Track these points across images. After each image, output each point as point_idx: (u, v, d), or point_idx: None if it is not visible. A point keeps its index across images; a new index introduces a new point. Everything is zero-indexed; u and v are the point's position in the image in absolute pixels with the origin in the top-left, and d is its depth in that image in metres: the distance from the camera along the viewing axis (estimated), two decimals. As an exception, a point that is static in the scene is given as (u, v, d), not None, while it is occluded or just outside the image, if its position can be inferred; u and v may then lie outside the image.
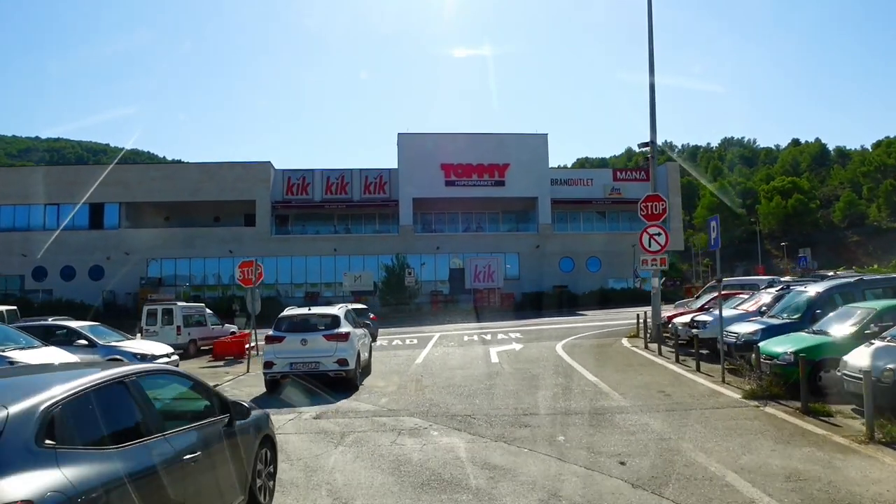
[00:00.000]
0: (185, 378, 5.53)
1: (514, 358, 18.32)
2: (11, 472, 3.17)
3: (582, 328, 27.87)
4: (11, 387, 4.01)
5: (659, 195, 20.96)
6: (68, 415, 3.71)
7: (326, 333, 13.91)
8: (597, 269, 51.98)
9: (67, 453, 3.50)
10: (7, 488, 3.08)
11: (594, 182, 54.71)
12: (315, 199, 51.70)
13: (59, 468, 3.36)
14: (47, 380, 4.14)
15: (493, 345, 22.13)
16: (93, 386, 4.06)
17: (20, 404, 3.51)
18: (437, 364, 17.63)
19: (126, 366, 4.90)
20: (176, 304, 23.19)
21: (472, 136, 52.53)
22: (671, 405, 10.65)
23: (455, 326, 33.09)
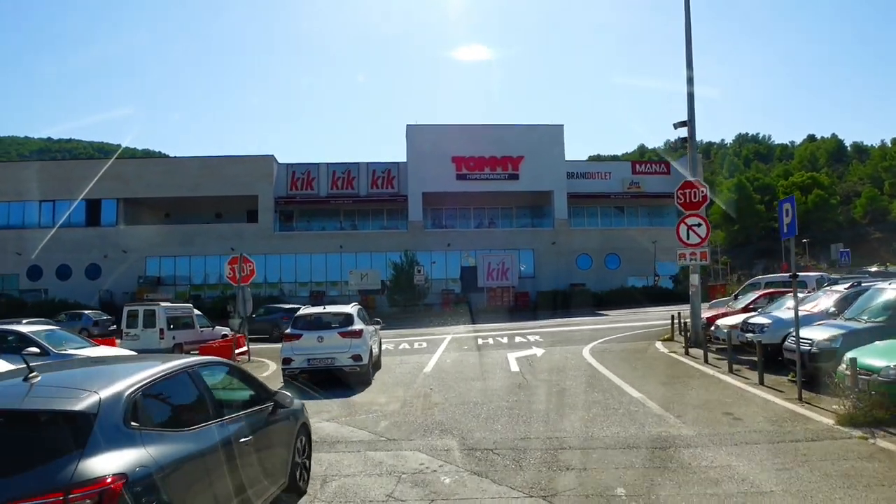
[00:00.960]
0: (233, 369, 6.06)
1: (537, 366, 16.00)
2: (107, 450, 3.65)
3: (607, 330, 25.49)
4: (96, 375, 4.58)
5: (698, 181, 18.56)
6: (147, 400, 4.26)
7: (341, 330, 14.53)
8: (616, 266, 49.49)
9: (148, 434, 4.03)
10: (105, 463, 3.56)
11: (612, 175, 52.20)
12: (320, 194, 49.46)
13: (144, 447, 3.87)
14: (125, 370, 4.60)
15: (511, 349, 19.82)
16: (164, 375, 4.61)
17: (109, 390, 4.00)
18: (449, 373, 15.34)
19: (186, 357, 5.38)
20: (158, 304, 21.01)
21: (485, 128, 50.12)
22: (749, 435, 8.32)
23: (468, 328, 30.79)
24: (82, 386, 4.06)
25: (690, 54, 18.98)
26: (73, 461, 3.49)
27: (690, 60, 19.09)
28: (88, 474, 3.46)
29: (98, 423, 3.72)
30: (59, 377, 4.63)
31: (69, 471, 3.44)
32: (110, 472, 3.51)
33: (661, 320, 28.62)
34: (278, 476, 5.85)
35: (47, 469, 3.45)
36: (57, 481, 3.39)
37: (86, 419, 3.72)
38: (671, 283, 49.09)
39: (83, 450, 3.56)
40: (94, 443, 3.62)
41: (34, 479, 3.39)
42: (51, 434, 3.68)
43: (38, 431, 3.70)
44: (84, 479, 3.43)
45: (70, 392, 3.98)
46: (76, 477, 3.42)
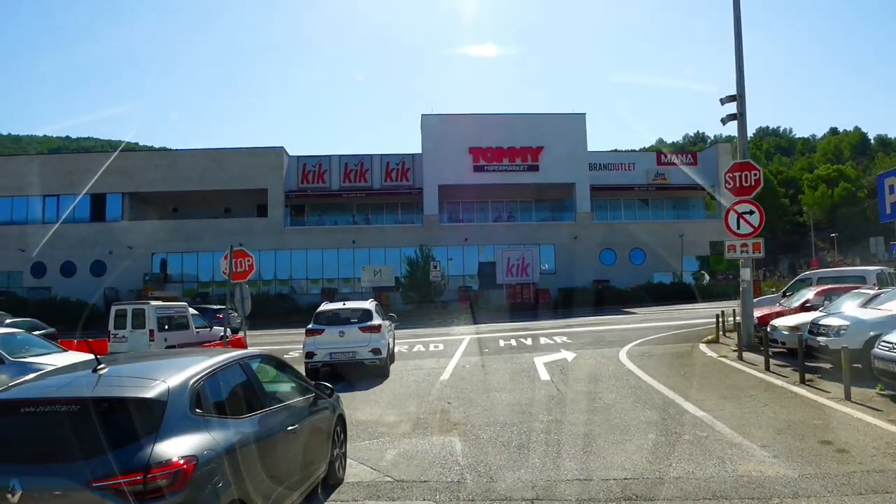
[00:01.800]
0: (277, 361, 6.47)
1: (570, 373, 13.98)
2: (177, 434, 3.99)
3: (639, 330, 23.36)
4: (158, 367, 4.92)
5: (751, 163, 16.40)
6: (207, 389, 4.58)
7: (361, 325, 15.07)
8: (641, 261, 47.20)
9: (211, 420, 4.37)
10: (177, 447, 3.90)
11: (636, 167, 49.88)
12: (332, 187, 47.59)
13: (208, 432, 4.22)
14: (184, 362, 4.94)
15: (538, 353, 17.79)
16: (220, 366, 5.00)
17: (175, 379, 4.35)
18: (469, 382, 13.35)
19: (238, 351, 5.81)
20: (148, 303, 19.13)
21: (503, 117, 47.92)
22: (872, 478, 6.27)
23: (487, 327, 28.76)
24: (149, 376, 4.44)
25: (739, 19, 16.80)
26: (149, 444, 3.83)
27: (739, 30, 16.91)
28: (163, 456, 3.79)
29: (168, 409, 4.07)
30: (124, 369, 4.93)
31: (146, 453, 3.77)
32: (182, 454, 3.85)
33: (697, 319, 26.52)
34: (319, 464, 6.12)
35: (126, 451, 3.77)
36: (136, 462, 3.71)
37: (158, 406, 4.06)
38: (692, 279, 46.92)
39: (157, 434, 3.89)
40: (166, 427, 3.97)
41: (115, 461, 3.69)
42: (127, 419, 3.97)
43: (115, 417, 3.97)
44: (160, 461, 3.76)
45: (139, 381, 4.35)
46: (153, 459, 3.75)
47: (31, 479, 3.70)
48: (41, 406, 4.09)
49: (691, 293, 43.13)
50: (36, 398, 4.22)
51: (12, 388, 4.55)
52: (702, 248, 48.12)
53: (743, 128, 16.82)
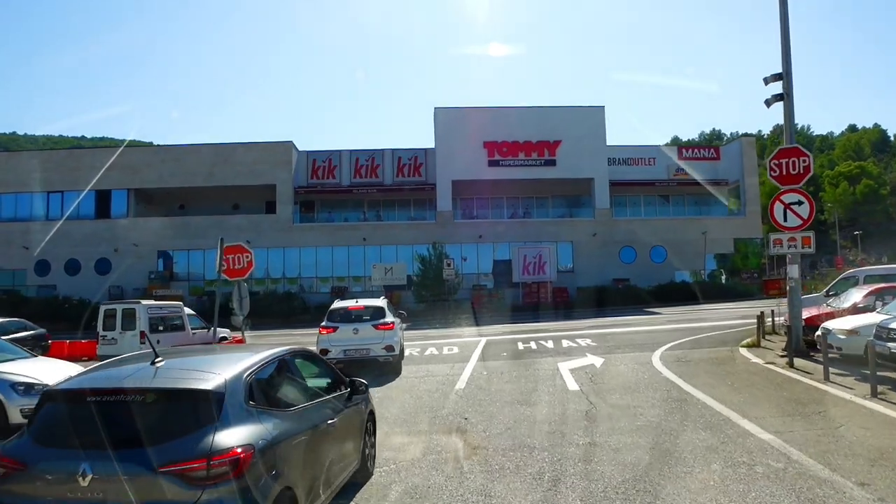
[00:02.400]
0: (315, 357, 6.73)
1: (601, 382, 12.46)
2: (235, 425, 4.19)
3: (668, 332, 21.79)
4: (212, 361, 5.04)
5: (799, 148, 14.78)
6: (257, 382, 4.79)
7: (375, 323, 15.23)
8: (662, 259, 45.47)
9: (262, 411, 4.58)
10: (235, 436, 4.10)
11: (656, 161, 48.11)
12: (342, 183, 46.25)
13: (261, 423, 4.42)
14: (234, 357, 5.10)
15: (561, 357, 16.28)
16: (267, 361, 5.17)
17: (230, 372, 4.56)
18: (488, 393, 11.87)
19: (280, 347, 5.85)
20: (139, 303, 17.76)
21: (518, 110, 46.37)
22: None
23: (503, 328, 27.27)
24: (204, 369, 4.67)
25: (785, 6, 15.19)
26: (210, 433, 4.05)
27: (786, 4, 15.31)
28: (224, 444, 4.01)
29: (226, 400, 4.28)
30: (180, 362, 5.10)
31: (208, 441, 4.00)
32: (240, 443, 4.07)
33: (728, 320, 24.95)
34: (353, 458, 6.26)
35: (190, 439, 4.01)
36: (199, 450, 3.94)
37: (217, 397, 4.26)
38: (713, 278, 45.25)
39: (216, 423, 4.12)
40: (225, 417, 4.18)
41: (180, 448, 3.94)
42: (189, 409, 4.21)
43: (178, 407, 4.23)
44: (221, 449, 3.98)
45: (197, 374, 4.57)
46: (214, 447, 3.97)
47: (100, 464, 3.88)
48: (107, 395, 4.27)
49: (715, 292, 41.53)
50: (101, 388, 4.40)
51: (75, 378, 4.75)
52: (725, 245, 46.44)
53: (790, 109, 15.21)
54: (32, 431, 4.30)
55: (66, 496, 3.91)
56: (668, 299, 39.82)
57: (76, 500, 3.89)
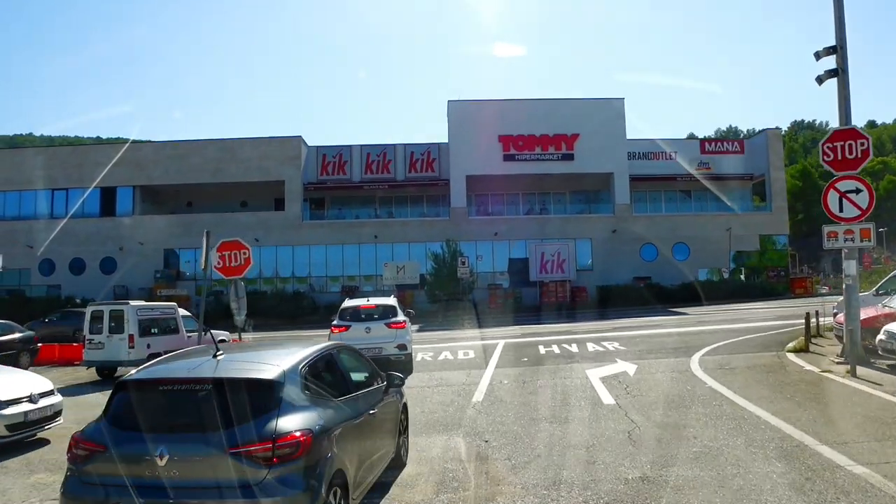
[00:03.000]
0: (356, 353, 7.07)
1: (638, 394, 10.95)
2: (294, 411, 4.59)
3: (701, 335, 20.19)
4: (268, 355, 5.52)
5: (856, 129, 13.19)
6: (310, 373, 5.21)
7: (387, 321, 15.21)
8: (684, 257, 43.65)
9: (316, 400, 5.01)
10: (295, 421, 4.50)
11: (678, 155, 46.25)
12: (353, 179, 44.80)
13: (315, 410, 4.83)
14: (288, 350, 5.52)
15: (589, 363, 14.78)
16: (317, 354, 5.63)
17: (287, 363, 4.98)
18: (510, 407, 10.41)
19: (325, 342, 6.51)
20: (128, 304, 16.35)
21: (535, 103, 44.68)
22: None
23: (522, 330, 25.77)
24: (263, 361, 5.14)
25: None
26: (273, 418, 4.44)
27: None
28: (286, 429, 4.40)
29: (285, 389, 4.68)
30: (239, 356, 5.55)
31: (272, 426, 4.38)
32: (299, 428, 4.47)
33: (763, 321, 23.36)
34: (389, 447, 6.63)
35: (255, 424, 4.37)
36: (265, 434, 4.30)
37: (278, 386, 4.66)
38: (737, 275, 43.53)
39: (278, 410, 4.52)
40: (285, 405, 4.58)
41: (247, 432, 4.30)
42: (252, 397, 4.53)
43: (242, 395, 4.52)
44: (284, 433, 4.36)
45: (257, 365, 5.00)
46: (278, 431, 4.35)
47: (175, 446, 4.27)
48: (177, 385, 4.70)
49: (741, 291, 39.85)
50: (172, 378, 4.85)
51: (143, 370, 5.16)
52: (751, 242, 44.58)
53: (845, 86, 13.59)
54: (109, 417, 4.67)
55: (145, 475, 4.23)
56: (693, 299, 38.07)
57: (154, 479, 4.20)
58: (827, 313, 19.23)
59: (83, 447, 4.52)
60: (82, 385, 15.76)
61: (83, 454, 4.50)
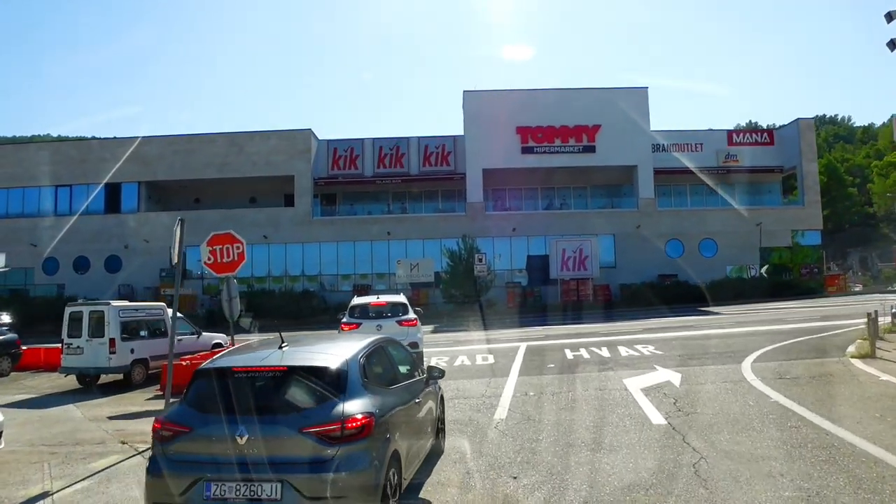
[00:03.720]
0: (401, 346, 7.48)
1: (692, 410, 9.20)
2: (357, 397, 5.03)
3: (743, 336, 18.38)
4: (329, 347, 5.94)
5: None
6: (366, 364, 5.65)
7: (399, 319, 15.01)
8: (712, 253, 41.66)
9: (373, 388, 5.43)
10: (358, 406, 4.93)
11: (704, 147, 44.10)
12: (365, 173, 43.07)
13: (373, 397, 5.25)
14: (345, 344, 6.01)
15: (624, 370, 13.05)
16: (372, 346, 6.11)
17: (348, 353, 5.47)
18: (540, 427, 8.71)
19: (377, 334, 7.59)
20: (109, 304, 14.72)
21: (554, 93, 42.68)
22: None
23: (544, 331, 24.04)
24: (325, 352, 5.64)
25: None
26: (339, 403, 4.89)
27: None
28: (351, 412, 4.83)
29: (349, 376, 5.15)
30: (302, 348, 6.06)
31: (339, 409, 4.82)
32: (362, 411, 4.90)
33: (807, 322, 21.54)
34: (429, 435, 7.06)
35: (325, 407, 4.86)
36: (334, 416, 4.76)
37: (343, 374, 5.14)
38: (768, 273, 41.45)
39: (344, 395, 4.98)
40: (349, 390, 5.04)
41: (318, 414, 4.81)
42: (321, 383, 5.03)
43: (312, 381, 5.05)
44: (350, 415, 4.79)
45: (320, 356, 5.48)
46: (345, 413, 4.79)
47: (253, 426, 4.67)
48: (251, 372, 5.16)
49: (773, 289, 37.84)
50: (246, 366, 5.27)
51: (217, 359, 5.76)
52: (781, 237, 42.47)
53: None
54: (188, 401, 5.16)
55: (226, 453, 4.65)
56: (722, 297, 36.14)
57: (235, 457, 4.63)
58: (884, 313, 17.44)
59: (168, 429, 4.93)
60: (59, 395, 14.20)
61: (168, 435, 4.90)
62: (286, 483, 4.52)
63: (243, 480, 4.57)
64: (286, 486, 4.52)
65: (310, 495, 4.51)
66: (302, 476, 4.53)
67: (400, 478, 5.28)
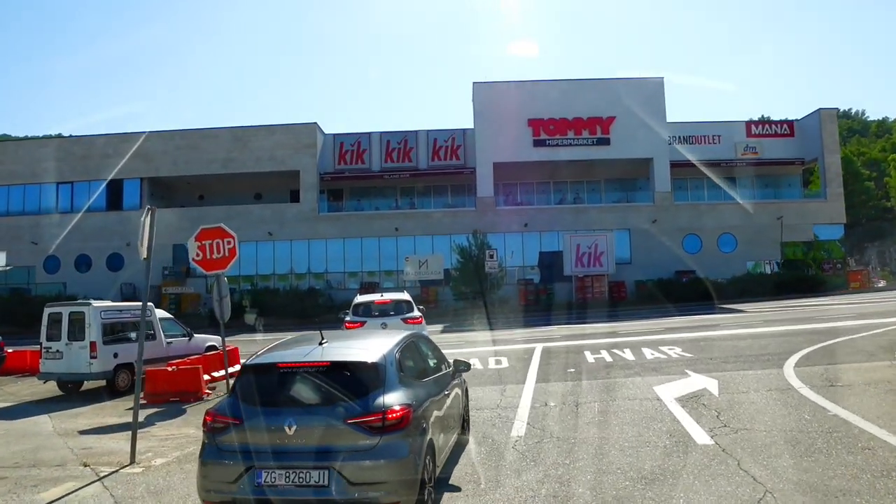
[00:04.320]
0: (430, 341, 7.83)
1: (739, 426, 7.98)
2: (394, 390, 5.30)
3: (777, 337, 17.08)
4: (365, 343, 6.28)
5: None
6: (401, 358, 5.95)
7: (404, 317, 14.77)
8: (731, 249, 40.28)
9: (408, 381, 5.72)
10: (396, 398, 5.20)
11: (722, 139, 42.64)
12: (372, 168, 41.86)
13: (409, 389, 5.55)
14: (381, 339, 6.38)
15: (653, 376, 11.84)
16: (405, 341, 6.40)
17: (385, 348, 5.79)
18: (566, 448, 7.49)
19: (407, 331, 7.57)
20: (90, 304, 13.55)
21: (567, 84, 41.24)
22: None
23: (560, 331, 22.81)
24: (363, 347, 5.92)
25: None
26: (380, 395, 5.16)
27: None
28: (391, 403, 5.10)
29: (387, 370, 5.41)
30: (341, 344, 6.17)
31: (381, 401, 5.10)
32: (401, 403, 5.18)
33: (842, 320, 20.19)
34: (456, 426, 7.29)
35: (367, 399, 5.11)
36: (375, 407, 5.04)
37: (381, 368, 5.40)
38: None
39: (383, 388, 5.24)
40: (388, 383, 5.31)
41: (361, 405, 5.06)
42: (361, 377, 5.30)
43: (352, 375, 5.33)
44: (390, 406, 5.06)
45: (359, 351, 5.77)
46: (385, 405, 5.06)
47: (300, 418, 5.02)
48: (295, 367, 5.43)
49: (796, 286, 36.44)
50: (290, 361, 5.57)
51: (261, 356, 5.84)
52: (803, 232, 40.97)
53: None
54: (237, 395, 5.38)
55: (276, 442, 4.96)
56: (743, 294, 34.90)
57: (283, 446, 4.95)
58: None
59: (220, 421, 5.19)
60: (36, 403, 13.06)
61: (220, 426, 5.17)
62: (332, 470, 4.82)
63: (292, 468, 4.85)
64: (333, 472, 4.82)
65: (355, 481, 4.80)
66: (347, 463, 4.82)
67: (434, 466, 5.56)
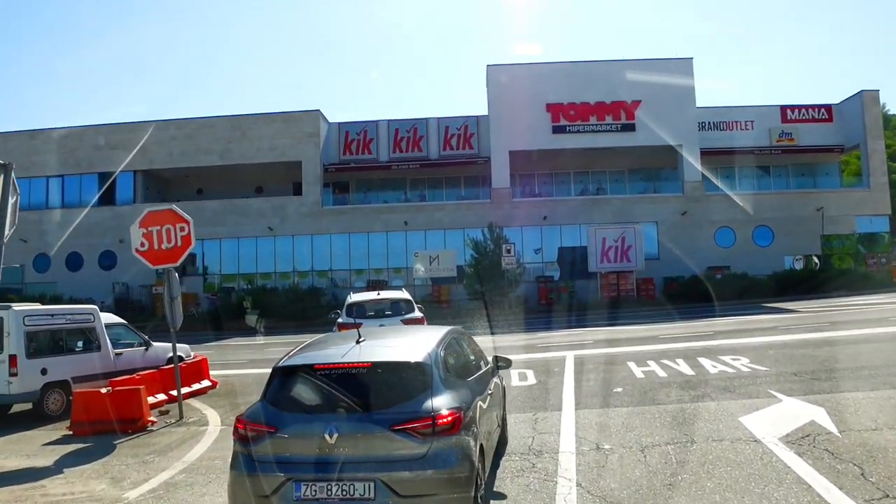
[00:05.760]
0: (470, 338, 7.16)
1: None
2: (442, 391, 4.82)
3: (857, 343, 14.21)
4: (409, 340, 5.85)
5: None
6: (446, 356, 5.45)
7: (404, 318, 13.71)
8: (768, 242, 37.20)
9: (453, 381, 5.25)
10: (445, 400, 4.73)
11: (755, 125, 39.46)
12: (380, 158, 39.03)
13: (456, 389, 5.10)
14: (422, 336, 5.98)
15: (729, 398, 9.07)
16: (447, 339, 5.88)
17: (428, 347, 5.25)
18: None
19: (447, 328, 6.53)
20: (10, 307, 10.79)
21: (589, 66, 38.16)
22: None
23: (591, 335, 20.01)
24: (404, 346, 5.51)
25: None
26: (428, 398, 4.70)
27: None
28: (440, 407, 4.63)
29: (433, 370, 4.94)
30: (380, 342, 5.75)
31: (429, 404, 4.63)
32: (451, 405, 4.72)
33: None
34: (499, 422, 6.80)
35: (414, 402, 4.66)
36: (424, 412, 4.57)
37: (427, 368, 4.94)
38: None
39: (430, 390, 4.77)
40: (435, 385, 4.84)
41: (407, 410, 4.59)
42: (407, 378, 4.88)
43: (396, 376, 4.92)
44: (439, 410, 4.59)
45: (402, 350, 5.34)
46: (434, 409, 4.60)
47: (342, 424, 4.49)
48: (333, 369, 4.89)
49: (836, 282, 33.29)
50: (327, 363, 5.04)
51: (295, 356, 5.33)
52: (845, 224, 37.82)
53: None
54: (270, 400, 4.89)
55: (316, 452, 4.46)
56: (783, 291, 31.85)
57: (326, 456, 4.44)
58: None
59: (253, 429, 4.66)
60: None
61: (253, 435, 4.64)
62: (379, 481, 4.39)
63: (335, 480, 4.42)
64: (379, 484, 4.39)
65: (404, 493, 4.38)
66: (395, 474, 4.40)
67: (484, 470, 5.20)
